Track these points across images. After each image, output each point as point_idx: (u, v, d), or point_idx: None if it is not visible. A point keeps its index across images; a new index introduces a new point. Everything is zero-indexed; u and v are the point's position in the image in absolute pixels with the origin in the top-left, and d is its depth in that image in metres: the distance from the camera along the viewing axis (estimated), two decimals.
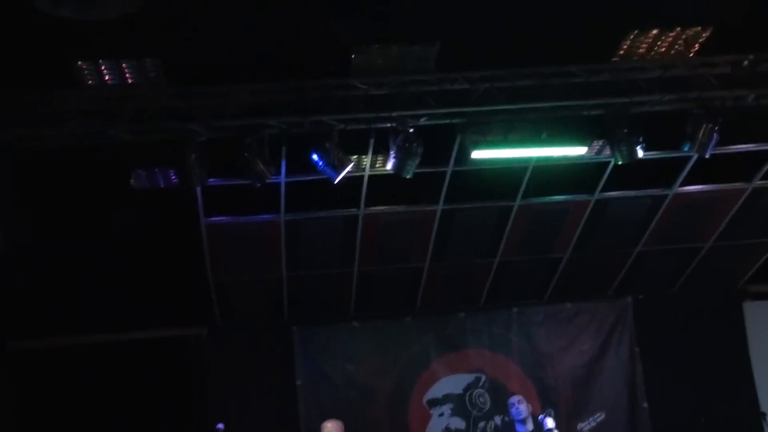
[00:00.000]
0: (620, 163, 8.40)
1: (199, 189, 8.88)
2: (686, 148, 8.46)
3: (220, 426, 8.88)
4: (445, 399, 11.67)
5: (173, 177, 8.90)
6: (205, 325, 11.41)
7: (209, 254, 10.14)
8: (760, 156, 9.68)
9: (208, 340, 11.40)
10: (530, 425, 9.15)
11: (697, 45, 7.78)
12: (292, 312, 11.42)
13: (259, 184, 8.11)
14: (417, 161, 8.08)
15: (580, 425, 11.60)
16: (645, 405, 11.66)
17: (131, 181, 8.85)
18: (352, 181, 8.77)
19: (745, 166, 9.89)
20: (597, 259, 11.19)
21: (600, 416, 11.56)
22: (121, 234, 9.60)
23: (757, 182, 10.08)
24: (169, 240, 9.92)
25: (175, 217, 9.56)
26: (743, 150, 9.45)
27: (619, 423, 11.68)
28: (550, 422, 8.83)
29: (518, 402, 9.27)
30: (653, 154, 8.88)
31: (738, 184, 10.18)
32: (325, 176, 8.12)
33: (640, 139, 8.24)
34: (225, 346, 11.31)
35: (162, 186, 9.01)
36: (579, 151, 8.66)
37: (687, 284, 11.93)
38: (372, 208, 9.79)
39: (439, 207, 9.88)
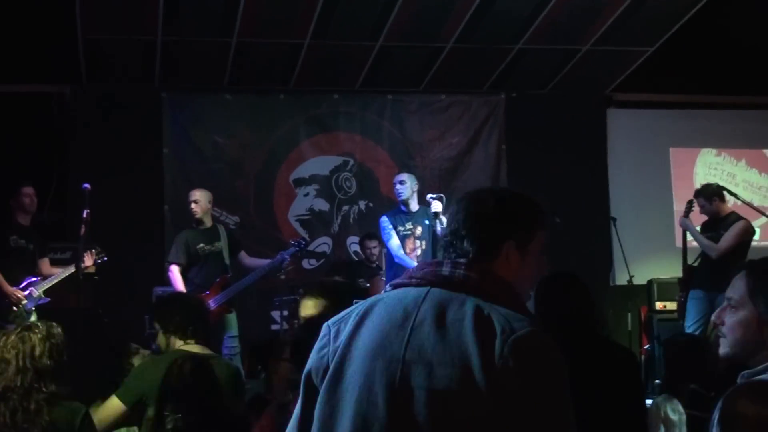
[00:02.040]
0: None
1: None
2: None
3: (86, 186, 8.62)
4: (312, 179, 11.65)
5: None
6: (69, 83, 10.91)
7: (80, 8, 9.56)
8: None
9: (72, 98, 10.91)
10: (414, 206, 8.97)
11: None
12: (164, 78, 10.99)
13: None
14: None
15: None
16: None
17: None
18: None
19: None
20: (477, 53, 11.05)
21: None
22: None
23: None
24: None
25: None
26: None
27: None
28: (437, 206, 8.46)
29: (400, 183, 9.07)
30: None
31: None
32: None
33: None
34: (90, 107, 10.88)
35: None
36: None
37: (558, 86, 12.01)
38: None
39: None
